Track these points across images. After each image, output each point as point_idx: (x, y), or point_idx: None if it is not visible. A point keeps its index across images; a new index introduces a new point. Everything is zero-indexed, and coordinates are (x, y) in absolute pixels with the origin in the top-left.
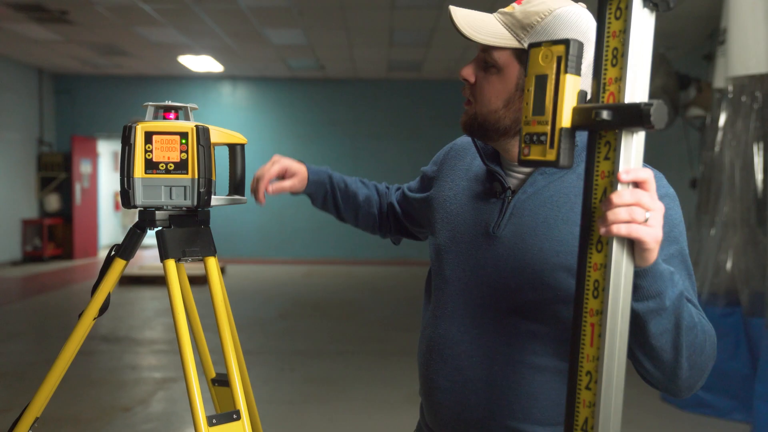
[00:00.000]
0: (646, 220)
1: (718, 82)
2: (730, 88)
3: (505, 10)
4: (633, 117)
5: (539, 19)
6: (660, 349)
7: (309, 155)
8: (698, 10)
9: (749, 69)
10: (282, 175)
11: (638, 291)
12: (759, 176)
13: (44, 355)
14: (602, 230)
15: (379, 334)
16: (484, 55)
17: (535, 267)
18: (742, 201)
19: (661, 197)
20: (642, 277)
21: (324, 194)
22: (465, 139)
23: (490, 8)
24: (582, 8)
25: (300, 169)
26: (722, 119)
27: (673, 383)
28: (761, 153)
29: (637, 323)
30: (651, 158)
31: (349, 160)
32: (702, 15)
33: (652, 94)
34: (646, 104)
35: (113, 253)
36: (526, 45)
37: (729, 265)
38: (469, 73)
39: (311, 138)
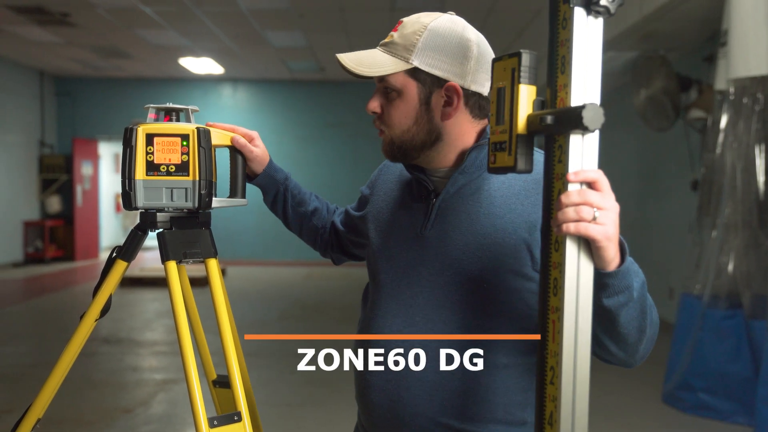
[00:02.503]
0: (594, 219)
1: (719, 83)
2: (732, 89)
3: (386, 41)
4: (570, 120)
5: (417, 38)
6: (627, 334)
7: (309, 157)
8: (699, 11)
9: (750, 71)
10: (249, 142)
11: (608, 288)
12: (760, 178)
13: (46, 357)
14: (555, 229)
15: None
16: (383, 85)
17: (462, 262)
18: (744, 203)
19: None
20: (612, 277)
21: (276, 192)
22: None
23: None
24: (452, 16)
25: (264, 152)
26: (723, 121)
27: (631, 357)
28: (763, 155)
29: (608, 317)
30: (652, 160)
31: (350, 162)
32: (703, 17)
33: (653, 96)
34: (579, 107)
35: (114, 254)
36: (414, 63)
37: (731, 267)
38: (375, 105)
39: (312, 140)
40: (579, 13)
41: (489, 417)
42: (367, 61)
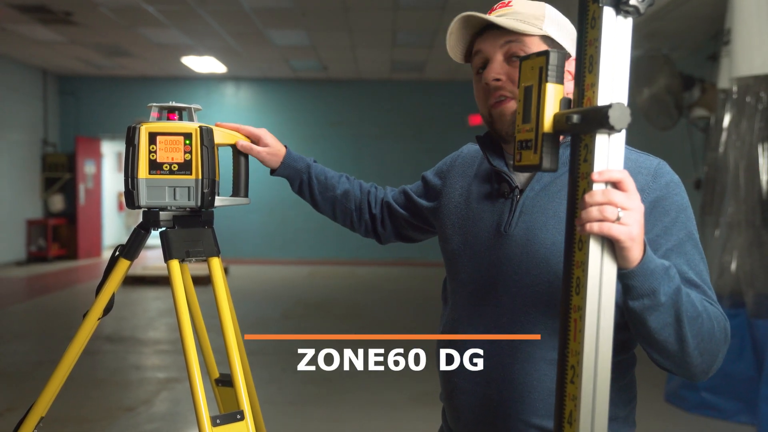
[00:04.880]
0: (618, 219)
1: (723, 82)
2: (735, 88)
3: (503, 12)
4: (596, 119)
5: (542, 9)
6: (664, 342)
7: (312, 156)
8: (702, 10)
9: (754, 69)
10: (256, 142)
11: (631, 290)
12: (764, 177)
13: (49, 355)
14: (578, 228)
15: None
16: (510, 49)
17: (550, 261)
18: (747, 202)
19: (666, 183)
20: (632, 278)
21: (300, 182)
22: (472, 147)
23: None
24: None
25: (275, 147)
26: (726, 120)
27: (686, 370)
28: (766, 153)
29: (638, 320)
30: None
31: (352, 161)
32: (706, 15)
33: (656, 95)
34: (606, 106)
35: (117, 253)
36: (548, 32)
37: (733, 266)
38: (499, 71)
39: (314, 139)
40: (608, 12)
41: None
42: (503, 21)
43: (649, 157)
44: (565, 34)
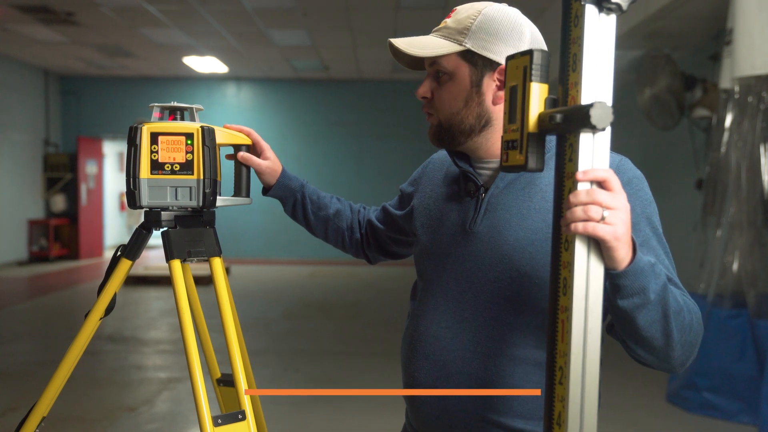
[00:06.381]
0: (603, 218)
1: (725, 82)
2: (737, 88)
3: (439, 27)
4: (579, 118)
5: (471, 21)
6: (651, 338)
7: (313, 156)
8: (704, 10)
9: (756, 69)
10: (260, 152)
11: (621, 289)
12: (765, 177)
13: (50, 355)
14: (563, 228)
15: (382, 334)
16: (434, 68)
17: (513, 257)
18: (749, 202)
19: (629, 180)
20: (623, 278)
21: (293, 202)
22: (442, 153)
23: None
24: (505, 5)
25: (275, 163)
26: (728, 120)
27: (667, 363)
28: (767, 153)
29: (625, 318)
30: (656, 159)
31: (354, 161)
32: (708, 15)
33: (658, 95)
34: (588, 105)
35: (119, 253)
36: (468, 45)
37: (735, 266)
38: (424, 90)
39: (315, 139)
40: (590, 10)
41: (539, 413)
42: (420, 44)
43: (611, 154)
44: (498, 40)
